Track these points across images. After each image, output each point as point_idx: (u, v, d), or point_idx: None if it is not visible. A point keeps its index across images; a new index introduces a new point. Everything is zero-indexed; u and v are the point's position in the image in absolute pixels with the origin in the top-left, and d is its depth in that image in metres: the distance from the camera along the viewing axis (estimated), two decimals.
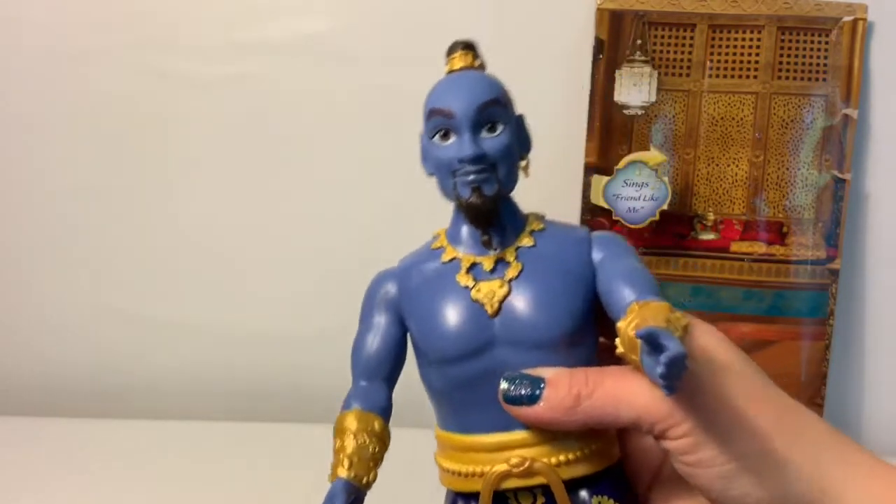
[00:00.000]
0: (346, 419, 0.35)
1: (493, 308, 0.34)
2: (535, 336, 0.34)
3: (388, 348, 0.36)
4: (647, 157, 0.61)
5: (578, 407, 0.32)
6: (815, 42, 0.61)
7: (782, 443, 0.32)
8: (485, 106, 0.34)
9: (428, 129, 0.35)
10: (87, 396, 0.73)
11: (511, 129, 0.35)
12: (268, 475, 0.61)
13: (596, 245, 0.36)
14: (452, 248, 0.36)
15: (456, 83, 0.35)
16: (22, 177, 0.70)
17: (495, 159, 0.34)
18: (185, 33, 0.67)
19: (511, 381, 0.33)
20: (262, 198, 0.69)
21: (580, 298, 0.34)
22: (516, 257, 0.35)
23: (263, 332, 0.71)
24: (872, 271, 0.65)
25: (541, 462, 0.33)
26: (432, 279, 0.36)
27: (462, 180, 0.34)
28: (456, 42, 0.37)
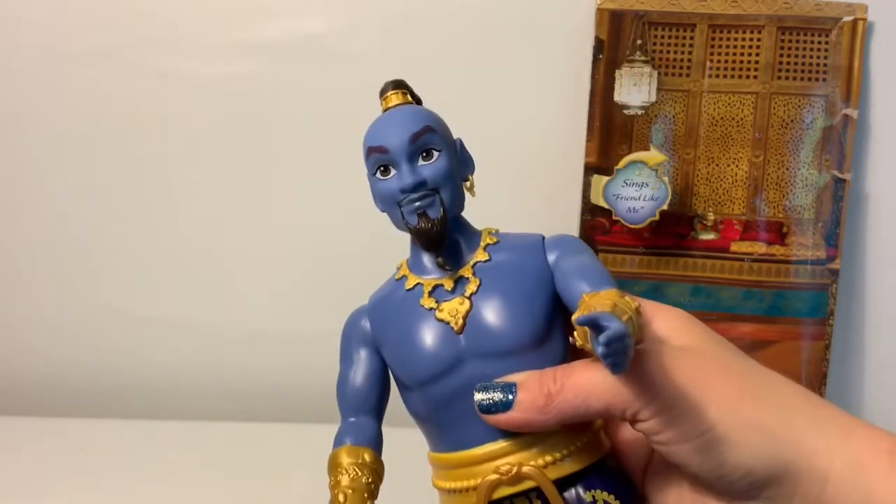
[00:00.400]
0: (337, 456, 0.35)
1: (458, 325, 0.35)
2: (502, 344, 0.35)
3: (370, 382, 0.37)
4: (647, 157, 0.61)
5: (551, 405, 0.32)
6: (815, 42, 0.61)
7: (750, 409, 0.32)
8: (417, 136, 0.36)
9: (369, 167, 0.37)
10: (87, 396, 0.73)
11: (448, 154, 0.37)
12: (268, 475, 0.61)
13: (549, 247, 0.37)
14: (414, 276, 0.37)
15: (388, 120, 0.37)
16: (22, 177, 0.70)
17: (436, 184, 0.36)
18: (185, 33, 0.67)
19: (484, 391, 0.34)
20: (262, 197, 0.69)
21: (541, 301, 0.35)
22: (473, 273, 0.36)
23: (263, 332, 0.71)
24: (872, 271, 0.65)
25: (528, 466, 0.34)
26: (399, 307, 0.37)
27: (408, 209, 0.36)
28: (387, 83, 0.39)
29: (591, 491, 0.34)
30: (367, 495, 0.34)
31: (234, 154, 0.69)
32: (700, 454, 0.32)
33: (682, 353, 0.33)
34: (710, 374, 0.33)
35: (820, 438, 0.32)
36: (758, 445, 0.32)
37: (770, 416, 0.32)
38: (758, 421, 0.32)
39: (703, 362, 0.33)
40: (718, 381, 0.33)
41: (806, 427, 0.32)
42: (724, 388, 0.32)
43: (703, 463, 0.32)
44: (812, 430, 0.32)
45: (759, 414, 0.32)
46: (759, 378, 0.34)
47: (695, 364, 0.33)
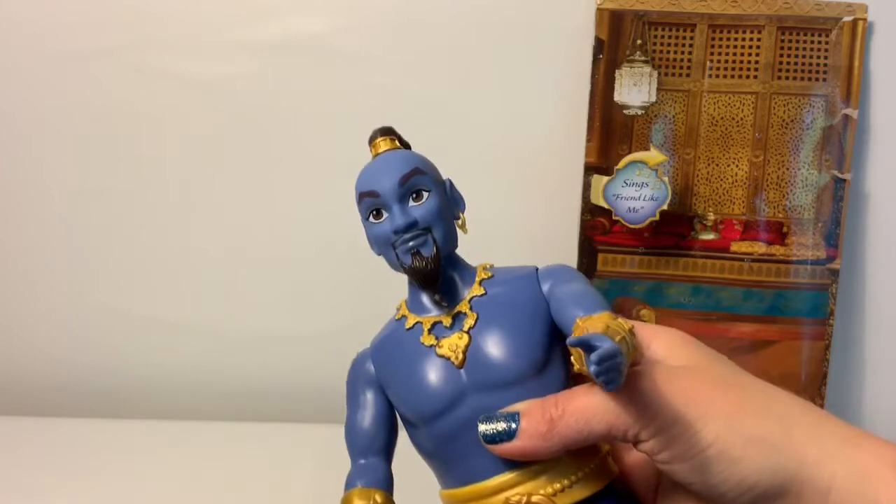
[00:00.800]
0: (350, 499, 0.36)
1: (458, 360, 0.36)
2: (503, 375, 0.35)
3: (377, 423, 0.38)
4: (647, 157, 0.61)
5: (553, 430, 0.33)
6: (815, 42, 0.61)
7: (750, 423, 0.32)
8: (406, 178, 0.37)
9: (362, 211, 0.38)
10: (87, 396, 0.73)
11: (438, 194, 0.38)
12: (268, 475, 0.61)
13: (543, 278, 0.38)
14: (413, 315, 0.38)
15: (378, 165, 0.38)
16: (22, 176, 0.70)
17: (427, 223, 0.37)
18: (185, 33, 0.67)
19: (487, 422, 0.34)
20: (262, 197, 0.69)
21: (538, 330, 0.36)
22: (470, 308, 0.37)
23: (263, 332, 0.71)
24: (872, 271, 0.65)
25: (538, 495, 0.34)
26: (400, 347, 0.38)
27: (401, 249, 0.36)
28: (375, 130, 0.40)
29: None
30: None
31: (234, 154, 0.69)
32: (700, 472, 0.32)
33: (679, 372, 0.34)
34: (707, 391, 0.33)
35: (822, 449, 0.32)
36: (759, 459, 0.32)
37: (770, 429, 0.32)
38: (758, 434, 0.32)
39: (700, 379, 0.34)
40: (716, 397, 0.33)
41: (807, 438, 0.32)
42: (722, 404, 0.32)
43: (706, 480, 0.32)
44: (813, 440, 0.32)
45: (758, 427, 0.32)
46: (757, 392, 0.34)
47: (691, 382, 0.33)
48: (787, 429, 0.32)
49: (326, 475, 0.36)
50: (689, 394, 0.32)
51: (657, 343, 0.36)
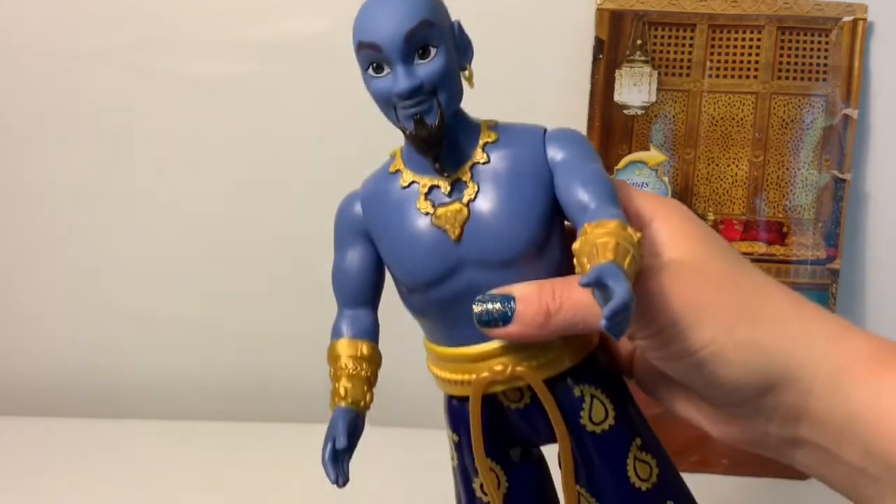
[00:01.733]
0: (335, 348, 0.37)
1: (455, 233, 0.34)
2: (501, 254, 0.34)
3: (365, 274, 0.37)
4: (647, 157, 0.61)
5: (549, 321, 0.33)
6: (815, 42, 0.61)
7: (744, 327, 0.33)
8: (412, 33, 0.32)
9: (360, 61, 0.34)
10: (87, 396, 0.73)
11: (447, 48, 0.33)
12: (268, 475, 0.62)
13: (551, 144, 0.35)
14: (409, 172, 0.36)
15: (379, 9, 0.33)
16: (21, 176, 0.70)
17: (433, 85, 0.33)
18: (185, 33, 0.67)
19: (482, 304, 0.33)
20: (262, 197, 0.69)
21: (540, 207, 0.34)
22: (471, 177, 0.35)
23: (263, 332, 0.71)
24: (872, 271, 0.65)
25: (522, 366, 0.34)
26: (394, 206, 0.36)
27: (403, 113, 0.33)
28: None
29: (580, 385, 0.35)
30: (366, 387, 0.36)
31: (234, 154, 0.69)
32: (694, 370, 0.33)
33: (679, 272, 0.34)
34: (705, 294, 0.33)
35: (807, 351, 0.33)
36: (749, 363, 0.33)
37: (761, 334, 0.33)
38: (751, 339, 0.33)
39: (700, 280, 0.34)
40: (714, 300, 0.33)
41: (795, 341, 0.33)
42: (719, 309, 0.33)
43: (696, 378, 0.34)
44: (800, 343, 0.33)
45: (752, 332, 0.33)
46: (753, 292, 0.34)
47: (691, 284, 0.33)
48: (777, 333, 0.33)
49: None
50: (687, 297, 0.33)
51: (657, 222, 0.36)
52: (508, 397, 0.36)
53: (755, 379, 0.33)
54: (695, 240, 0.35)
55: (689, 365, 0.33)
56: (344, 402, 0.35)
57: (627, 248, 0.30)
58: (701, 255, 0.35)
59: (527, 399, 0.36)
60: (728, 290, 0.34)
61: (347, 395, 0.35)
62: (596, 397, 0.35)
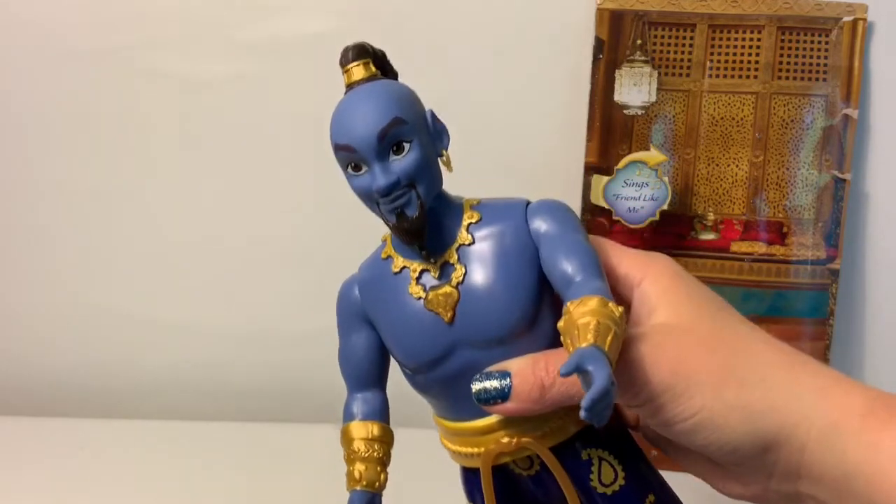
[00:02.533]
0: (348, 431, 0.38)
1: (447, 315, 0.35)
2: (493, 333, 0.35)
3: (370, 356, 0.38)
4: (647, 157, 0.61)
5: (545, 396, 0.33)
6: (815, 42, 0.61)
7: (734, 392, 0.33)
8: (384, 132, 0.33)
9: (339, 162, 0.35)
10: (87, 396, 0.73)
11: (420, 141, 0.34)
12: (268, 475, 0.61)
13: (533, 217, 0.36)
14: (400, 257, 0.36)
15: (352, 112, 0.35)
16: (21, 176, 0.70)
17: (410, 179, 0.34)
18: (185, 33, 0.67)
19: (479, 382, 0.34)
20: (262, 197, 0.69)
21: (528, 281, 0.35)
22: (458, 259, 0.35)
23: (263, 332, 0.71)
24: (872, 271, 0.65)
25: (527, 437, 0.35)
26: (388, 291, 0.37)
27: (385, 209, 0.34)
28: (346, 50, 0.36)
29: (587, 449, 0.36)
30: (379, 468, 0.37)
31: (234, 154, 0.69)
32: (687, 434, 0.34)
33: (665, 339, 0.34)
34: (693, 360, 0.34)
35: (799, 409, 0.33)
36: (741, 426, 0.33)
37: (751, 397, 0.33)
38: (740, 402, 0.33)
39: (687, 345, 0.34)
40: (700, 365, 0.34)
41: (785, 399, 0.33)
42: (708, 374, 0.34)
43: (690, 441, 0.34)
44: (791, 400, 0.33)
45: (740, 395, 0.33)
46: (741, 351, 0.35)
47: (678, 350, 0.34)
48: (767, 393, 0.33)
49: (326, 475, 0.36)
50: (674, 366, 0.33)
51: (646, 283, 0.36)
52: (519, 466, 0.37)
53: (749, 440, 0.33)
54: (682, 299, 0.36)
55: (683, 431, 0.34)
56: (359, 486, 0.36)
57: (609, 325, 0.31)
58: (687, 316, 0.35)
59: (537, 466, 0.36)
60: (715, 351, 0.34)
61: (362, 477, 0.36)
62: (604, 459, 0.36)
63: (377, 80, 0.36)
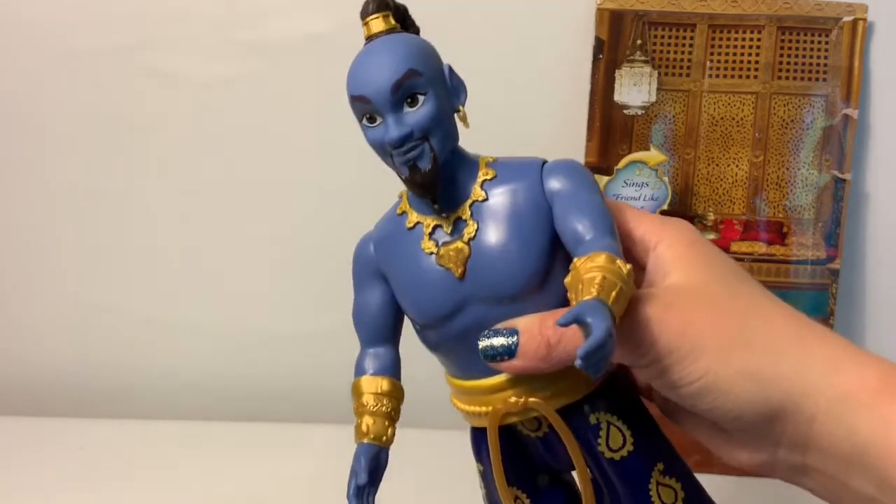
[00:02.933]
0: (359, 385, 0.38)
1: (458, 271, 0.35)
2: (504, 289, 0.35)
3: (384, 312, 0.38)
4: (647, 157, 0.61)
5: (552, 353, 0.33)
6: (815, 42, 0.61)
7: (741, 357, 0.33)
8: (399, 84, 0.33)
9: (355, 114, 0.35)
10: (87, 396, 0.73)
11: (436, 94, 0.34)
12: (268, 475, 0.61)
13: (548, 176, 0.36)
14: (414, 213, 0.37)
15: (367, 63, 0.34)
16: (21, 176, 0.70)
17: (424, 131, 0.34)
18: (185, 33, 0.67)
19: (487, 339, 0.34)
20: (261, 197, 0.69)
21: (540, 242, 0.35)
22: (471, 215, 0.35)
23: (263, 332, 0.71)
24: (872, 271, 0.65)
25: (534, 399, 0.35)
26: (401, 247, 0.37)
27: (398, 160, 0.34)
28: (367, 2, 0.35)
29: (595, 413, 0.36)
30: (387, 422, 0.37)
31: (234, 153, 0.69)
32: (692, 398, 0.33)
33: (675, 301, 0.34)
34: (700, 323, 0.33)
35: (808, 379, 0.33)
36: (748, 392, 0.33)
37: (759, 363, 0.33)
38: (747, 368, 0.33)
39: (696, 308, 0.34)
40: (710, 328, 0.33)
41: (795, 369, 0.33)
42: (716, 338, 0.33)
43: (695, 405, 0.34)
44: (801, 371, 0.33)
45: (748, 360, 0.33)
46: (751, 317, 0.34)
47: (686, 312, 0.34)
48: (776, 361, 0.33)
49: (326, 475, 0.36)
50: (682, 327, 0.33)
51: (662, 247, 0.36)
52: (527, 427, 0.37)
53: (755, 408, 0.33)
54: (697, 264, 0.35)
55: (688, 394, 0.33)
56: (366, 439, 0.36)
57: (615, 281, 0.31)
58: (701, 279, 0.35)
59: (545, 428, 0.36)
60: (725, 316, 0.34)
61: (370, 430, 0.36)
62: (612, 424, 0.36)
63: (396, 32, 0.35)
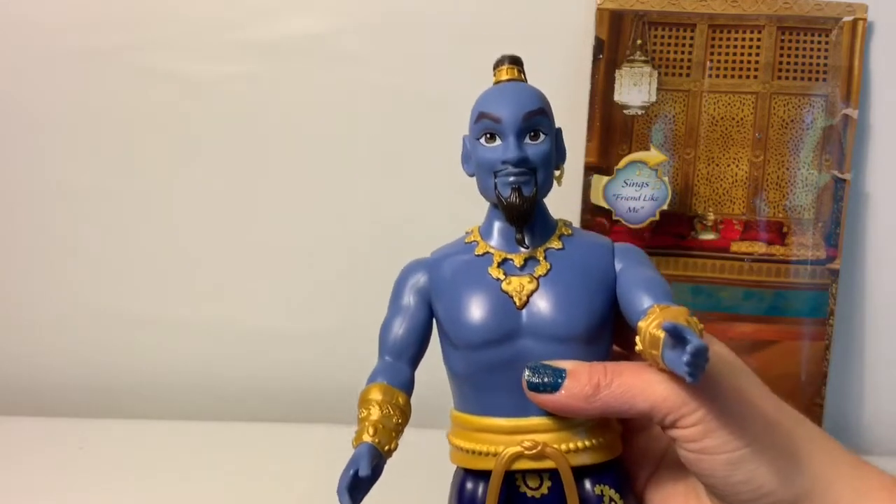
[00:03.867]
0: (371, 391, 0.37)
1: (521, 301, 0.37)
2: (558, 330, 0.36)
3: (415, 332, 0.39)
4: (648, 157, 0.61)
5: (598, 395, 0.34)
6: (815, 42, 0.61)
7: (783, 435, 0.34)
8: (531, 115, 0.37)
9: (475, 131, 0.38)
10: (87, 396, 0.73)
11: (551, 139, 0.38)
12: (268, 475, 0.61)
13: (618, 254, 0.39)
14: (485, 244, 0.39)
15: (505, 92, 0.38)
16: (22, 176, 0.70)
17: (536, 164, 0.37)
18: (185, 33, 0.67)
19: (535, 371, 0.35)
20: (261, 197, 0.69)
21: (600, 300, 0.37)
22: (545, 257, 0.38)
23: (263, 332, 0.71)
24: (872, 271, 0.65)
25: (552, 447, 0.36)
26: (464, 269, 0.38)
27: (503, 180, 0.37)
28: (503, 56, 0.40)
29: (601, 485, 0.37)
30: (394, 434, 0.37)
31: (234, 154, 0.69)
32: (729, 467, 0.34)
33: (731, 371, 0.36)
34: (754, 394, 0.35)
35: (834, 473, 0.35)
36: (785, 470, 0.34)
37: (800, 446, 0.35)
38: (790, 448, 0.34)
39: (748, 384, 0.36)
40: (762, 401, 0.35)
41: (824, 461, 0.35)
42: (765, 412, 0.35)
43: (728, 477, 0.34)
44: (828, 464, 0.35)
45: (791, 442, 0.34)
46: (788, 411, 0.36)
47: (741, 383, 0.35)
48: (813, 449, 0.35)
49: (326, 475, 0.36)
50: (738, 392, 0.34)
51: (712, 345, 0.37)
52: (527, 483, 0.37)
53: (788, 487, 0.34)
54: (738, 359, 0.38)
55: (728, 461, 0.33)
56: (371, 440, 0.36)
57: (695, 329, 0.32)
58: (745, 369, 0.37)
59: (544, 489, 0.37)
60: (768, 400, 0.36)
61: (377, 434, 0.36)
62: (614, 501, 0.37)
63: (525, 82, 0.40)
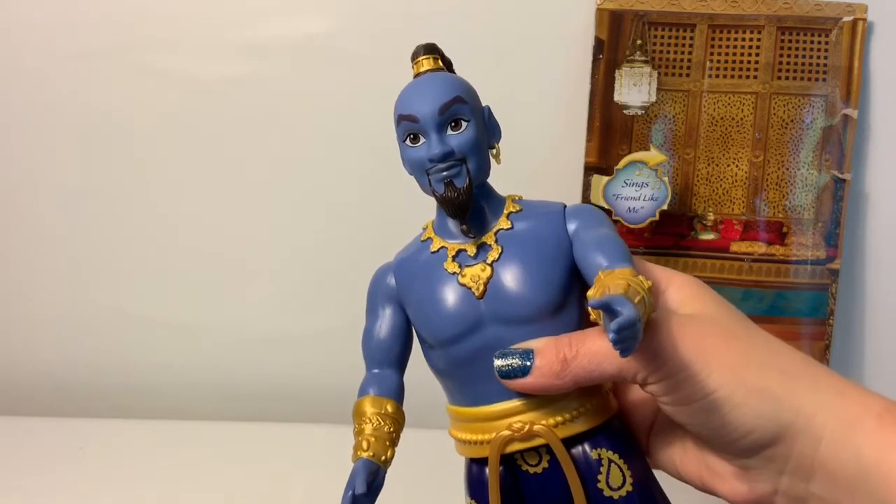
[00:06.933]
0: (361, 405, 0.38)
1: (479, 290, 0.37)
2: (520, 311, 0.36)
3: (393, 336, 0.39)
4: (647, 157, 0.61)
5: (566, 370, 0.34)
6: (815, 42, 0.61)
7: (753, 374, 0.34)
8: (446, 106, 0.37)
9: (399, 134, 0.38)
10: (87, 396, 0.73)
11: (476, 124, 0.38)
12: (268, 475, 0.61)
13: (570, 217, 0.38)
14: (439, 239, 0.39)
15: (419, 88, 0.38)
16: (22, 177, 0.70)
17: (463, 154, 0.37)
18: (185, 33, 0.67)
19: (503, 357, 0.36)
20: (261, 197, 0.69)
21: (559, 271, 0.37)
22: (496, 240, 0.38)
23: (263, 332, 0.71)
24: (872, 271, 0.65)
25: (539, 424, 0.36)
26: (423, 269, 0.38)
27: (435, 178, 0.37)
28: (419, 46, 0.39)
29: (597, 449, 0.37)
30: (388, 443, 0.37)
31: (234, 154, 0.69)
32: (703, 414, 0.34)
33: (689, 321, 0.35)
34: (714, 342, 0.35)
35: (817, 401, 0.34)
36: (759, 407, 0.33)
37: (771, 381, 0.34)
38: (759, 384, 0.34)
39: (709, 330, 0.35)
40: (722, 348, 0.35)
41: (805, 391, 0.34)
42: (728, 355, 0.34)
43: (706, 423, 0.34)
44: (810, 393, 0.34)
45: (760, 379, 0.34)
46: (762, 345, 0.36)
47: (700, 331, 0.35)
48: (787, 381, 0.34)
49: (326, 475, 0.36)
50: (696, 343, 0.34)
51: (672, 289, 0.38)
52: (526, 461, 0.37)
53: (765, 424, 0.33)
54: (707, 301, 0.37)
55: (700, 410, 0.34)
56: (366, 454, 0.36)
57: (637, 290, 0.32)
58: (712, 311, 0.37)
59: (544, 463, 0.37)
60: (736, 340, 0.35)
61: (370, 447, 0.36)
62: (613, 462, 0.37)
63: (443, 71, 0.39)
